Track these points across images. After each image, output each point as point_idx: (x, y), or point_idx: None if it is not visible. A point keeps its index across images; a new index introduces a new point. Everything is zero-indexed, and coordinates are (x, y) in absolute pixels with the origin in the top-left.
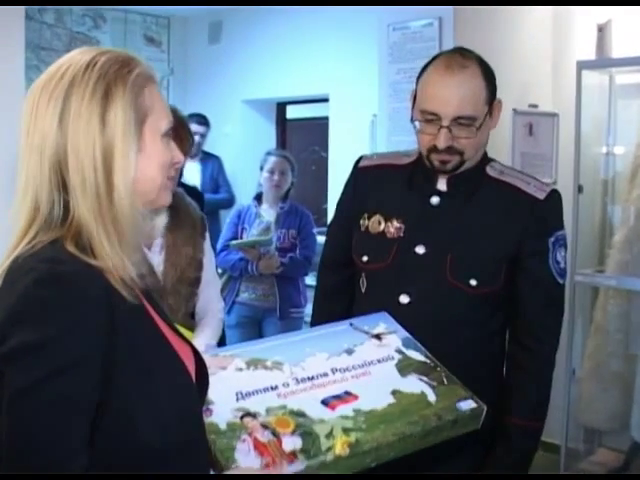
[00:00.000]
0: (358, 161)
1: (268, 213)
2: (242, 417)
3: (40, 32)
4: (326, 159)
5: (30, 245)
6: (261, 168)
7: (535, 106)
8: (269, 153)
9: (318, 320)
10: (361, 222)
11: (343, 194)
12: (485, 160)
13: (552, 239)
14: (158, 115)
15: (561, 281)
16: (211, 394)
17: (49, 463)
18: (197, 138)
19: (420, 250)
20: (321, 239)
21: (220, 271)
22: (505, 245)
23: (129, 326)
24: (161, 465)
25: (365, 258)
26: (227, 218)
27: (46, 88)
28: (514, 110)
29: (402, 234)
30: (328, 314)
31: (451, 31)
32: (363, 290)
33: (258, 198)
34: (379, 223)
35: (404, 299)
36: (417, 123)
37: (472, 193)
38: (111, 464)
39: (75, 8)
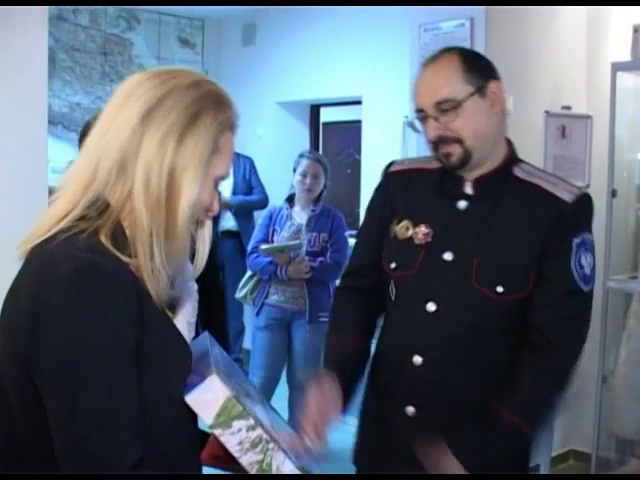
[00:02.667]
0: (389, 166)
1: (300, 216)
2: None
3: (74, 34)
4: (360, 162)
5: (68, 227)
6: (294, 170)
7: (568, 108)
8: (302, 155)
9: (336, 318)
10: (390, 228)
11: (373, 199)
12: (513, 161)
13: (577, 240)
14: (223, 160)
15: (585, 288)
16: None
17: (107, 456)
18: None
19: (448, 257)
20: (353, 242)
21: (250, 273)
22: (531, 250)
23: (153, 324)
24: (180, 462)
25: (393, 265)
26: (259, 220)
27: (145, 84)
28: (546, 112)
29: (430, 240)
30: (346, 313)
31: (483, 32)
32: (393, 298)
33: (290, 200)
34: (407, 229)
35: (431, 307)
36: (417, 125)
37: (499, 196)
38: None
39: (109, 10)
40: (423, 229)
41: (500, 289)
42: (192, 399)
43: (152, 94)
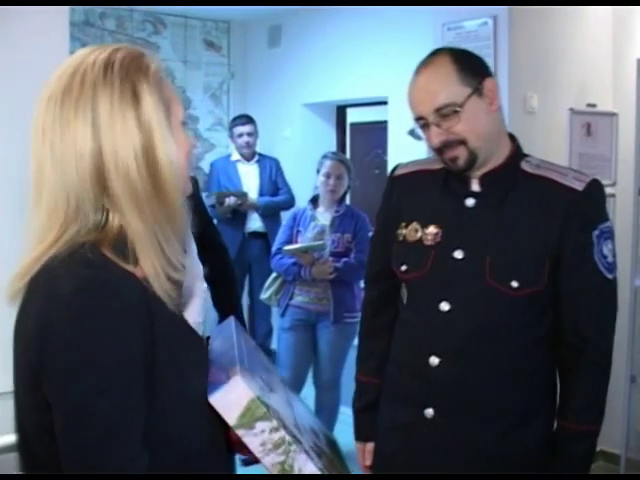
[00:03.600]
0: (393, 170)
1: (323, 216)
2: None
3: (102, 38)
4: (387, 162)
5: (66, 246)
6: (317, 171)
7: (594, 105)
8: (325, 156)
9: (365, 335)
10: (398, 232)
11: (381, 205)
12: (519, 156)
13: (596, 232)
14: (176, 105)
15: (610, 276)
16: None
17: (115, 466)
18: (245, 138)
19: (458, 255)
20: None
21: (274, 275)
22: (546, 242)
23: (166, 329)
24: (196, 462)
25: (404, 267)
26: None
27: (67, 96)
28: (571, 110)
29: (439, 240)
30: (373, 328)
31: (506, 30)
32: (405, 301)
33: (314, 201)
34: (416, 231)
35: (444, 306)
36: (419, 132)
37: (507, 191)
38: (152, 463)
39: (135, 14)
40: (432, 229)
41: (515, 284)
42: (215, 400)
43: (82, 108)
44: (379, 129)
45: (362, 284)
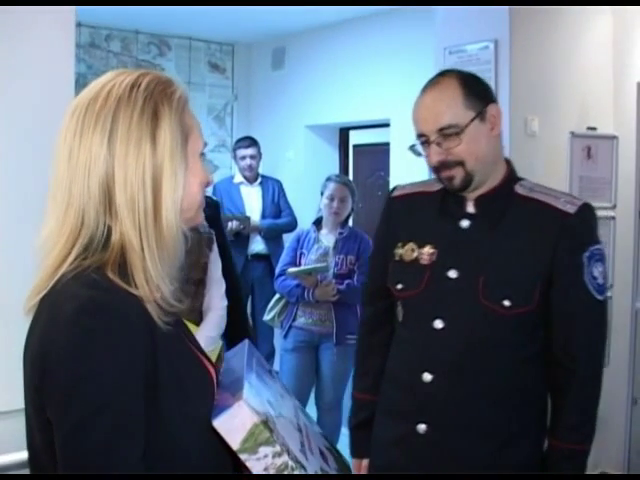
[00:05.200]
0: (392, 191)
1: (327, 239)
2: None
3: (107, 60)
4: (390, 184)
5: (73, 266)
6: (321, 193)
7: (594, 129)
8: (329, 179)
9: (362, 353)
10: (395, 251)
11: (378, 225)
12: (513, 179)
13: (587, 254)
14: (196, 135)
15: (599, 297)
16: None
17: None
18: (248, 161)
19: (452, 274)
20: None
21: (278, 296)
22: (537, 263)
23: (168, 352)
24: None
25: (399, 286)
26: (288, 242)
27: (91, 107)
28: (572, 133)
29: (435, 259)
30: (370, 346)
31: (507, 54)
32: (400, 319)
33: (317, 223)
34: (412, 251)
35: (438, 324)
36: (419, 149)
37: (502, 213)
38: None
39: (141, 36)
40: (428, 249)
41: (507, 303)
42: (219, 424)
43: (103, 118)
44: (382, 151)
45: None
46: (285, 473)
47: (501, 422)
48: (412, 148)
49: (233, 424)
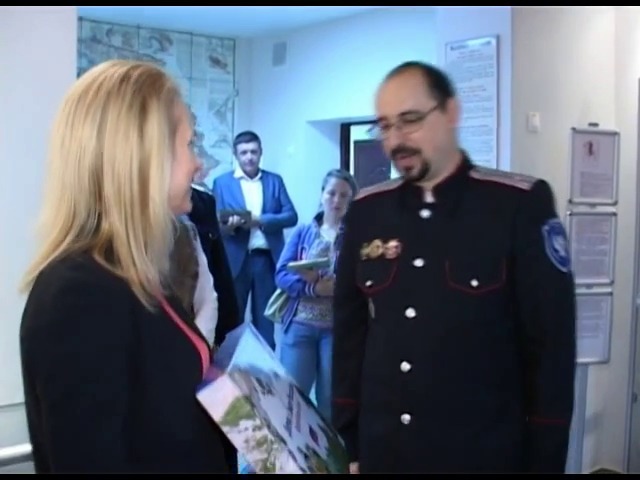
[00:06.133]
0: (354, 196)
1: (328, 234)
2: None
3: (108, 55)
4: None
5: (62, 251)
6: (322, 189)
7: (595, 125)
8: (330, 174)
9: (338, 358)
10: (361, 252)
11: (344, 230)
12: (468, 166)
13: (546, 227)
14: (185, 125)
15: (563, 269)
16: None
17: (89, 459)
18: (249, 155)
19: (419, 263)
20: None
21: (279, 291)
22: (499, 241)
23: (153, 331)
24: (187, 455)
25: (369, 282)
26: (288, 237)
27: (83, 99)
28: (573, 129)
29: (400, 252)
30: (345, 349)
31: (509, 50)
32: (373, 315)
33: (319, 218)
34: (378, 247)
35: (410, 313)
36: (377, 133)
37: (459, 198)
38: (142, 455)
39: (142, 31)
40: (392, 244)
41: (475, 283)
42: (203, 397)
43: (93, 110)
44: (383, 147)
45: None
46: (265, 447)
47: (482, 404)
48: (370, 131)
49: (216, 397)
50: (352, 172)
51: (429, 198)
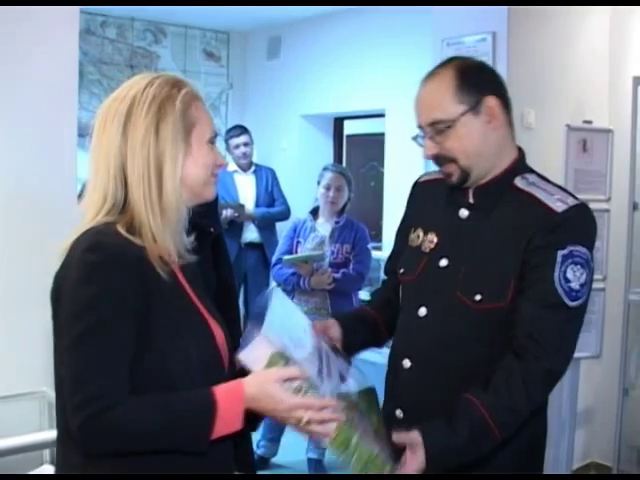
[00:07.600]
0: (420, 177)
1: (323, 227)
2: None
3: (102, 47)
4: (383, 175)
5: (93, 224)
6: (318, 183)
7: (590, 122)
8: (326, 168)
9: (374, 301)
10: (410, 236)
11: (405, 210)
12: (518, 171)
13: (564, 252)
14: (203, 126)
15: (570, 303)
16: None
17: (97, 393)
18: (242, 149)
19: (443, 263)
20: (376, 254)
21: (274, 284)
22: (511, 260)
23: (162, 292)
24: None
25: (402, 270)
26: (283, 231)
27: (113, 106)
28: (568, 126)
29: (433, 247)
30: (378, 294)
31: (504, 46)
32: (401, 302)
33: (314, 212)
34: (418, 237)
35: (422, 311)
36: (421, 141)
37: (494, 205)
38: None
39: (136, 23)
40: (431, 237)
41: (478, 297)
42: (244, 356)
43: (120, 111)
44: (376, 141)
45: (360, 295)
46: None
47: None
48: (415, 139)
49: (255, 355)
50: (344, 166)
51: (471, 198)
